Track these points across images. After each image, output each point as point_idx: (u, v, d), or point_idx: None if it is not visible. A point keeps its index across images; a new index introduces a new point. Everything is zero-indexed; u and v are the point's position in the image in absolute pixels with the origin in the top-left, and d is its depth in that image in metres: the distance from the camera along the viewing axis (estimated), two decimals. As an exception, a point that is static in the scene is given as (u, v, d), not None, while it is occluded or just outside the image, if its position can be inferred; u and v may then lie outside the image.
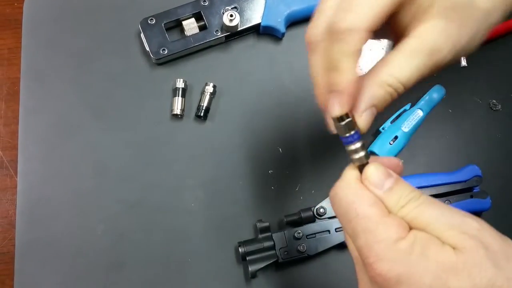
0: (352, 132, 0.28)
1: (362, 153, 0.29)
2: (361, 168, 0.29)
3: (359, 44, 0.28)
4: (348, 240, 0.29)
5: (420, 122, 0.50)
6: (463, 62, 0.53)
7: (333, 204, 0.29)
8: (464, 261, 0.24)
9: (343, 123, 0.28)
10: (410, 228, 0.26)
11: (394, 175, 0.28)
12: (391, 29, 0.31)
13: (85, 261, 0.47)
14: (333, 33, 0.28)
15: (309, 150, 0.50)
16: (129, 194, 0.48)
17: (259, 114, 0.51)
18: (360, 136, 0.29)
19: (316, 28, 0.30)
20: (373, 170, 0.28)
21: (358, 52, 0.28)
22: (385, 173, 0.28)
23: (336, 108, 0.28)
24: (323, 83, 0.29)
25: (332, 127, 0.29)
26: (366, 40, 0.28)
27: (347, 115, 0.28)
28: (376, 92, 0.28)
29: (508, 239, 0.25)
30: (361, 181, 0.28)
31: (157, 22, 0.51)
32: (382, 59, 0.29)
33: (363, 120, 0.28)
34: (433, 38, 0.28)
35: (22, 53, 0.52)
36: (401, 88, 0.28)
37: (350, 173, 0.29)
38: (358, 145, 0.28)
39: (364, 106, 0.28)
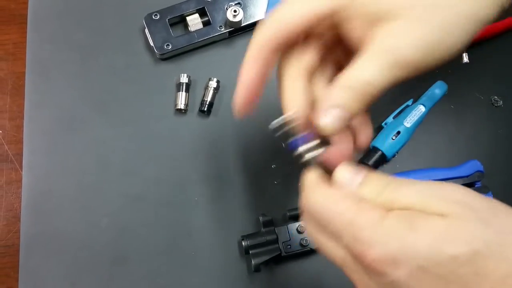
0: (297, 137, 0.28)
1: (312, 153, 0.29)
2: (324, 168, 0.29)
3: (277, 33, 0.30)
4: (329, 251, 0.28)
5: (422, 118, 0.50)
6: (465, 59, 0.53)
7: (310, 216, 0.28)
8: (455, 225, 0.23)
9: (281, 131, 0.28)
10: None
11: (364, 170, 0.28)
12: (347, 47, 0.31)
13: (89, 255, 0.47)
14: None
15: (312, 145, 0.51)
16: (133, 188, 0.49)
17: (262, 109, 0.52)
18: (303, 138, 0.28)
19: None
20: (339, 171, 0.28)
21: (272, 43, 0.30)
22: (353, 170, 0.28)
23: (239, 96, 0.32)
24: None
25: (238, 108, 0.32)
26: (286, 34, 0.30)
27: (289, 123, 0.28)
28: (337, 93, 0.27)
29: (494, 200, 0.25)
30: (324, 181, 0.28)
31: (161, 18, 0.51)
32: (347, 67, 0.28)
33: (323, 121, 0.28)
34: (393, 36, 0.27)
35: (27, 47, 0.52)
36: (369, 89, 0.27)
37: (309, 178, 0.29)
38: (303, 148, 0.29)
39: (324, 107, 0.28)
